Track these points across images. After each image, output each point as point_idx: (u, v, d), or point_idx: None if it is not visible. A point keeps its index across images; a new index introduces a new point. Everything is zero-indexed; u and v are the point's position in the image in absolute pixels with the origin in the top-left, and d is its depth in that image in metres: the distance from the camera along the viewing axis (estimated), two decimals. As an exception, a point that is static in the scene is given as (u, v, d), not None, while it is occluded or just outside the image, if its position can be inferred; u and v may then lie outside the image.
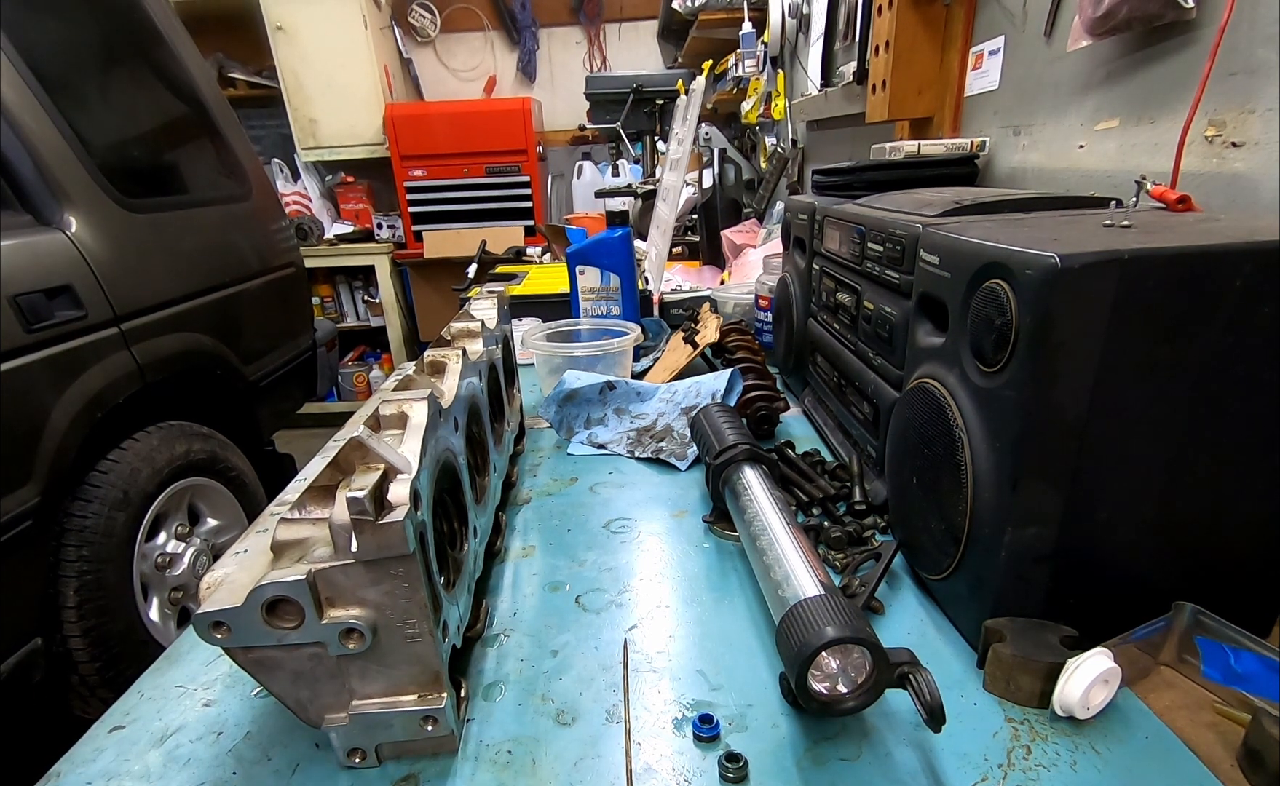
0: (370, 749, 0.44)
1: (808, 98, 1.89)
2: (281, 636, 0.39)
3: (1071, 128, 0.88)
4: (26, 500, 1.19)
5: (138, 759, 0.46)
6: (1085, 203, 0.63)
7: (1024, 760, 0.42)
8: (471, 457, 0.60)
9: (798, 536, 0.53)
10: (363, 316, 3.70)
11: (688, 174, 1.74)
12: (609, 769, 0.43)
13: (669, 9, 2.74)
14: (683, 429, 0.88)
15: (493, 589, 0.63)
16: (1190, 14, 0.67)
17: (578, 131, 3.62)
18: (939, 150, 1.00)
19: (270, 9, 3.08)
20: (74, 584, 1.28)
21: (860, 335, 0.74)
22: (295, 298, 2.22)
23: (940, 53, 1.18)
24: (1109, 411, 0.43)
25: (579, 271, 1.18)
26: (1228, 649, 0.45)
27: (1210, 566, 0.48)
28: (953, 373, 0.52)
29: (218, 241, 1.84)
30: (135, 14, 1.72)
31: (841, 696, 0.43)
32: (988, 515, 0.47)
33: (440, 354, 0.60)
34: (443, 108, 3.37)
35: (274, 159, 3.51)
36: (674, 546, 0.68)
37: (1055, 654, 0.45)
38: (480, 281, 1.96)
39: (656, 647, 0.54)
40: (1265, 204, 0.61)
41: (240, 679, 0.53)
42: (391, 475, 0.40)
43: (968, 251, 0.50)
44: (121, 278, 1.45)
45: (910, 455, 0.58)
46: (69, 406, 1.28)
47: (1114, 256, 0.40)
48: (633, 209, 2.07)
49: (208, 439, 1.66)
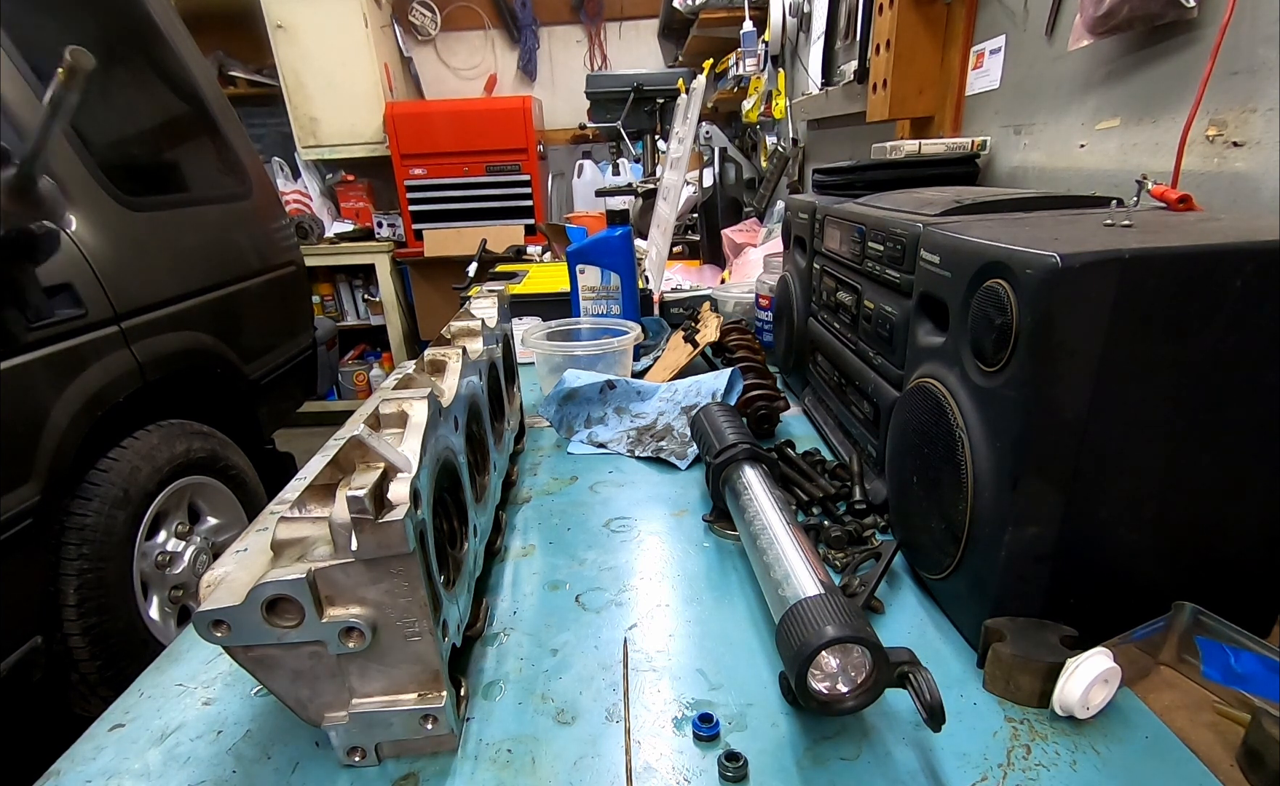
0: (370, 747, 0.44)
1: (808, 97, 1.88)
2: (281, 635, 0.39)
3: (1072, 127, 0.87)
4: (27, 498, 1.19)
5: (138, 757, 0.46)
6: (1086, 202, 0.63)
7: (1024, 760, 0.42)
8: (471, 456, 0.60)
9: (798, 536, 0.53)
10: (363, 315, 3.70)
11: (688, 173, 1.74)
12: (609, 768, 0.43)
13: (670, 8, 2.74)
14: (683, 428, 0.88)
15: (493, 588, 0.63)
16: (1191, 13, 0.67)
17: (578, 130, 3.63)
18: (940, 149, 1.00)
19: (271, 7, 3.08)
20: (74, 582, 1.28)
21: (861, 334, 0.74)
22: (295, 296, 2.22)
23: (941, 52, 1.18)
24: (1109, 411, 0.43)
25: (579, 270, 1.17)
26: (1228, 649, 0.45)
27: (1210, 566, 0.48)
28: (953, 372, 0.52)
29: (218, 240, 1.83)
30: (136, 12, 1.72)
31: (841, 696, 0.43)
32: (988, 515, 0.47)
33: (440, 353, 0.60)
34: (443, 106, 3.37)
35: (274, 157, 3.51)
36: (674, 545, 0.68)
37: (1055, 653, 0.45)
38: (480, 280, 1.96)
39: (656, 647, 0.54)
40: (1266, 203, 0.61)
41: (240, 677, 0.53)
42: (391, 474, 0.40)
43: (968, 251, 0.49)
44: (122, 276, 1.45)
45: (910, 454, 0.58)
46: (69, 405, 1.28)
47: (1115, 256, 0.40)
48: (633, 208, 2.07)
49: (208, 437, 1.66)
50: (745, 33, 2.21)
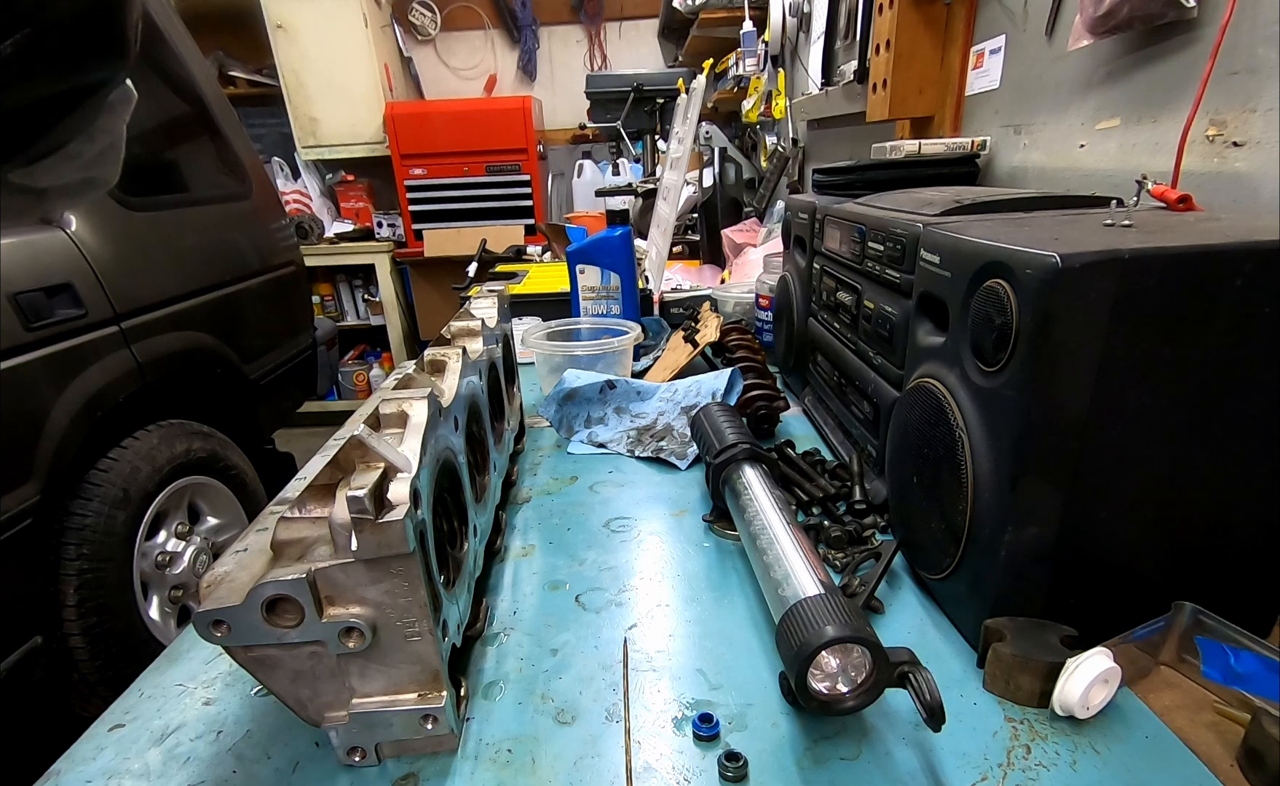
0: (370, 747, 0.44)
1: (808, 97, 1.89)
2: (281, 635, 0.39)
3: (1072, 127, 0.87)
4: (26, 498, 1.19)
5: (138, 757, 0.46)
6: (1086, 202, 0.63)
7: (1024, 759, 0.42)
8: (471, 456, 0.60)
9: (798, 536, 0.53)
10: (363, 315, 3.70)
11: (688, 173, 1.74)
12: (609, 768, 0.43)
13: (669, 8, 2.74)
14: (683, 428, 0.88)
15: (493, 588, 0.63)
16: (1191, 13, 0.67)
17: (578, 130, 3.63)
18: (940, 149, 1.00)
19: (271, 7, 3.08)
20: (74, 582, 1.28)
21: (861, 334, 0.74)
22: (295, 296, 2.22)
23: (941, 52, 1.18)
24: (1109, 411, 0.43)
25: (579, 270, 1.17)
26: (1228, 649, 0.45)
27: (1210, 566, 0.48)
28: (953, 372, 0.52)
29: (218, 240, 1.83)
30: (135, 12, 1.72)
31: (841, 695, 0.43)
32: (988, 514, 0.47)
33: (440, 353, 0.60)
34: (443, 106, 3.37)
35: (274, 157, 3.51)
36: (674, 545, 0.68)
37: (1055, 653, 0.45)
38: (480, 280, 1.96)
39: (656, 647, 0.54)
40: (1266, 203, 0.61)
41: (240, 677, 0.53)
42: (391, 474, 0.40)
43: (968, 251, 0.49)
44: (122, 276, 1.45)
45: (910, 454, 0.58)
46: (69, 405, 1.28)
47: (1114, 256, 0.40)
48: (633, 208, 2.07)
49: (208, 437, 1.66)
50: (745, 33, 2.21)
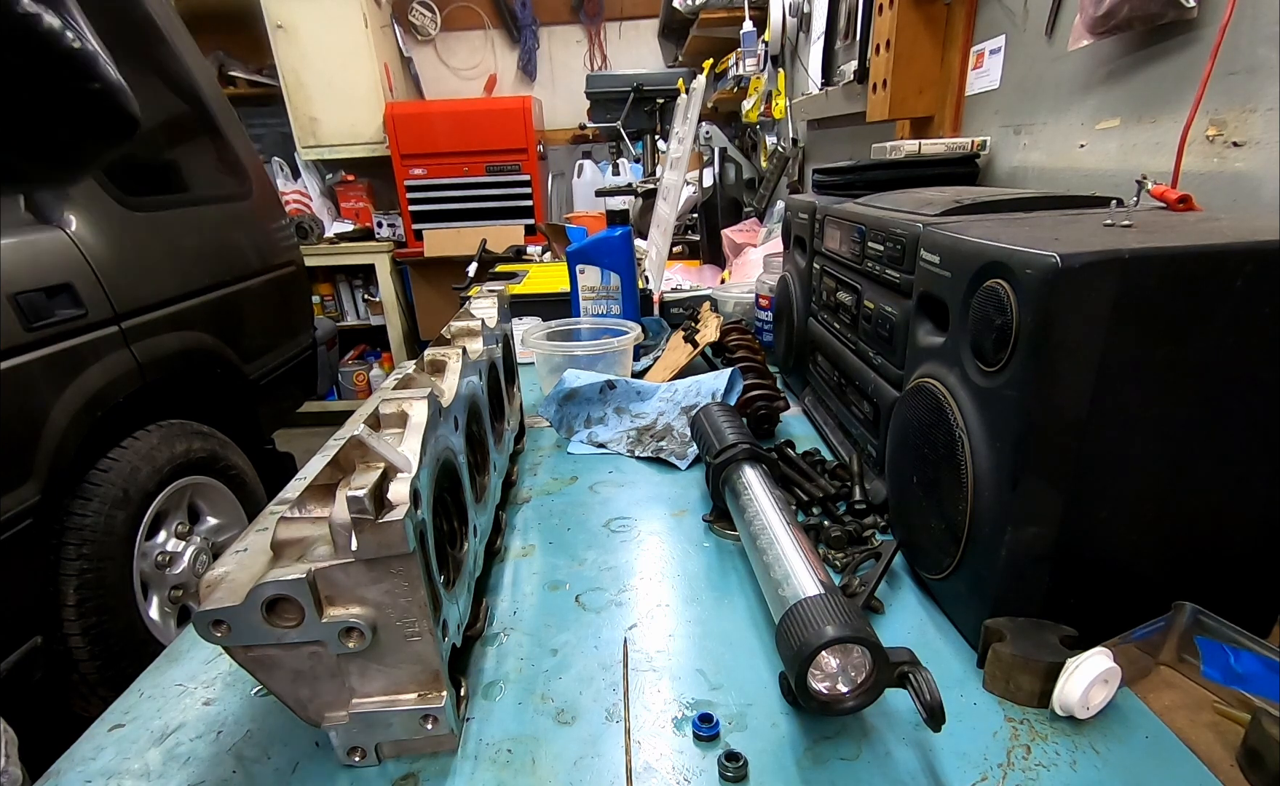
0: (370, 747, 0.44)
1: (808, 97, 1.88)
2: (281, 635, 0.39)
3: (1072, 127, 0.87)
4: (26, 498, 1.19)
5: (138, 757, 0.46)
6: (1086, 202, 0.63)
7: (1024, 759, 0.42)
8: (471, 456, 0.60)
9: (798, 536, 0.53)
10: (363, 315, 3.70)
11: (688, 173, 1.74)
12: (609, 768, 0.43)
13: (669, 8, 2.74)
14: (683, 428, 0.88)
15: (493, 588, 0.63)
16: (1191, 13, 0.67)
17: (578, 130, 3.63)
18: (940, 149, 1.00)
19: (271, 7, 3.08)
20: (74, 582, 1.28)
21: (861, 334, 0.74)
22: (295, 296, 2.22)
23: (941, 52, 1.18)
24: (1109, 411, 0.43)
25: (579, 270, 1.17)
26: (1228, 649, 0.45)
27: (1210, 566, 0.48)
28: (953, 372, 0.52)
29: (218, 240, 1.83)
30: (136, 12, 1.72)
31: (841, 695, 0.43)
32: (988, 515, 0.47)
33: (440, 353, 0.60)
34: (443, 106, 3.37)
35: (274, 157, 3.51)
36: (674, 545, 0.68)
37: (1055, 653, 0.45)
38: (480, 280, 1.96)
39: (656, 647, 0.54)
40: (1266, 203, 0.61)
41: (240, 677, 0.53)
42: (391, 474, 0.40)
43: (968, 251, 0.49)
44: (122, 276, 1.45)
45: (910, 454, 0.58)
46: (69, 405, 1.28)
47: (1115, 256, 0.40)
48: (633, 208, 2.07)
49: (208, 437, 1.66)
50: (745, 33, 2.21)
